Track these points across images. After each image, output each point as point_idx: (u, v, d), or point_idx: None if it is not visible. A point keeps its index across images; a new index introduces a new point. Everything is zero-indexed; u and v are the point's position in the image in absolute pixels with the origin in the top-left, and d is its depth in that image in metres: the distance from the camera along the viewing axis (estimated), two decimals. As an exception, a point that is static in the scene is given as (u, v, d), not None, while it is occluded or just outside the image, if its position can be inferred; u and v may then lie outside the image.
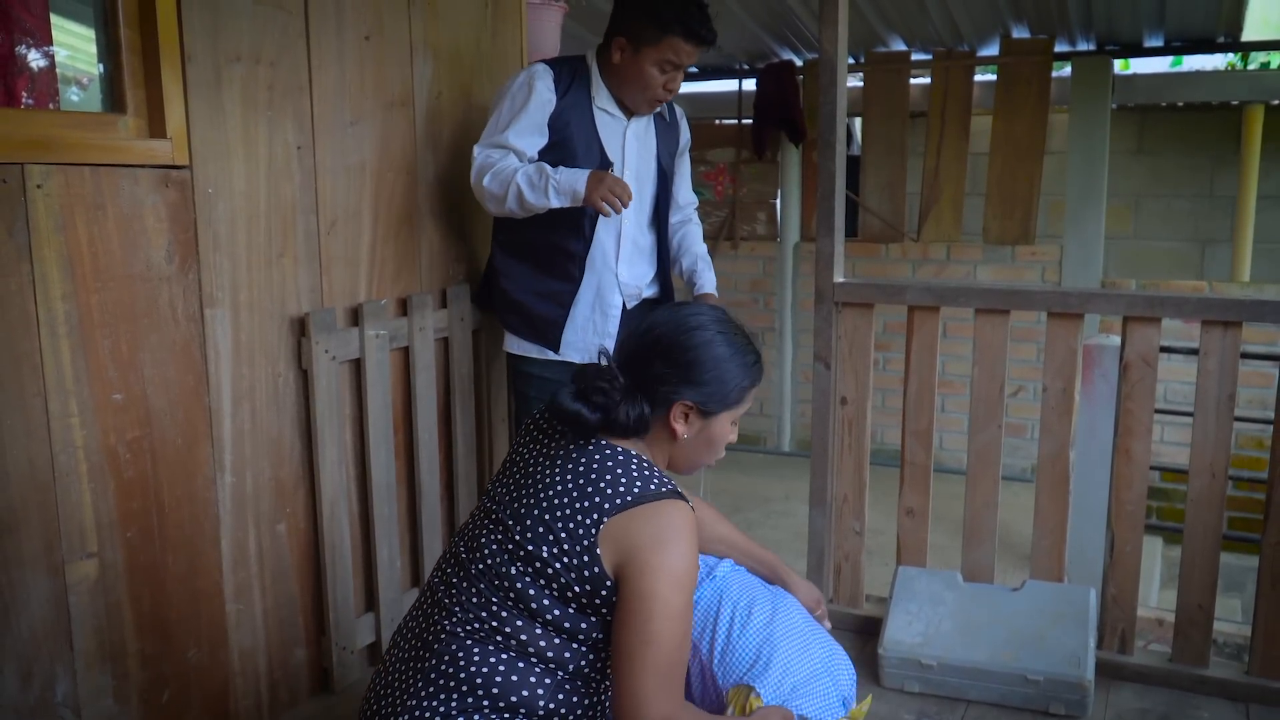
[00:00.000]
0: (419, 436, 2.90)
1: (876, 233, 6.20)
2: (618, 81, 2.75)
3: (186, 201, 2.23)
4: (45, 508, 2.00)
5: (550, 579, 1.59)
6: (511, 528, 1.64)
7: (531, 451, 1.75)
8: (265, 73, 2.38)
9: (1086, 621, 2.72)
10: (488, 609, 1.62)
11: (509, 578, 1.61)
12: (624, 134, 2.81)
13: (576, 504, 1.60)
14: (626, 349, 1.74)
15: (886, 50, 5.95)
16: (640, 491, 1.59)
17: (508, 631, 1.60)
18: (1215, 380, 2.64)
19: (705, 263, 3.08)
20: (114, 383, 2.10)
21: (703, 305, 1.78)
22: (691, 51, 2.66)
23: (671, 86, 2.71)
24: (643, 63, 2.66)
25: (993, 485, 2.92)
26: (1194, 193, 6.35)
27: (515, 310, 2.87)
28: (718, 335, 1.71)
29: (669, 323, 1.72)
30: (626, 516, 1.56)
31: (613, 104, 2.79)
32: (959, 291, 3.02)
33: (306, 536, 2.62)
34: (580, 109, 2.73)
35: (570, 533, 1.58)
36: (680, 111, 3.05)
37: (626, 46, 2.68)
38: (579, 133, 2.72)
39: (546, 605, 1.59)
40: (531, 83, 2.67)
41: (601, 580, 1.57)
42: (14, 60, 2.13)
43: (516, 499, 1.68)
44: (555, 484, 1.64)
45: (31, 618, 1.99)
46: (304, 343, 2.53)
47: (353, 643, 2.74)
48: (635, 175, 2.84)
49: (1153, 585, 4.74)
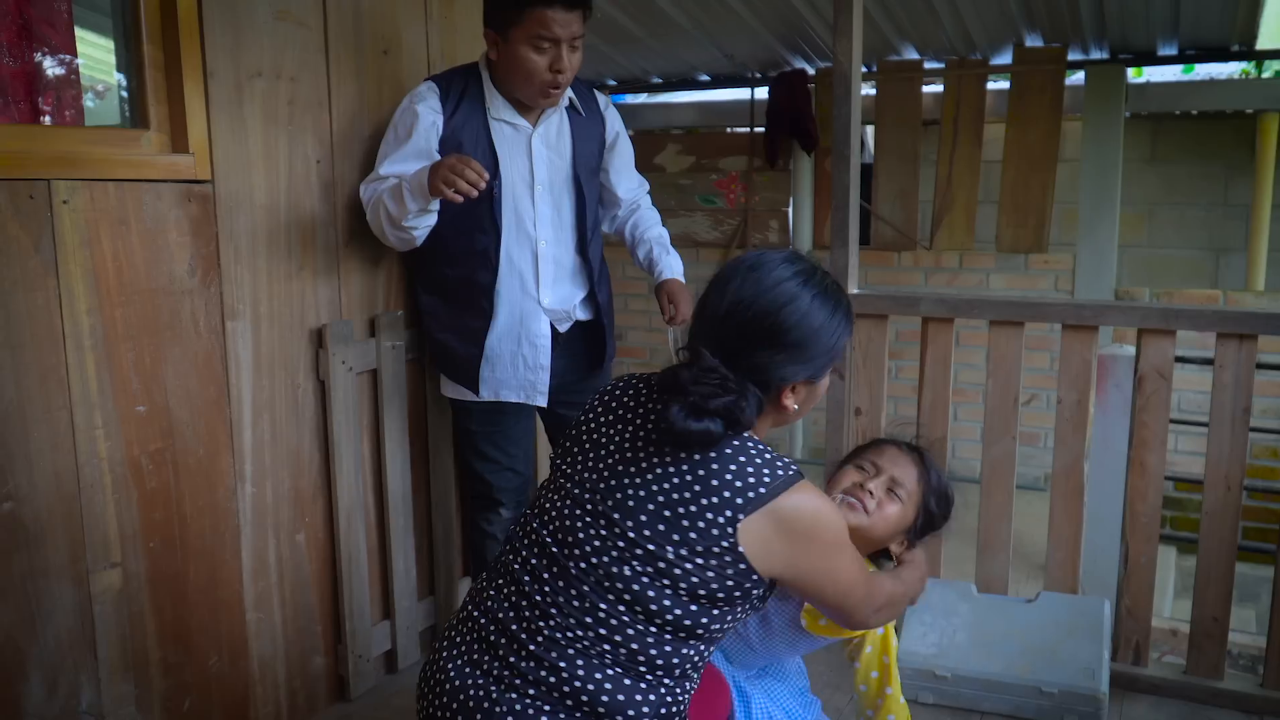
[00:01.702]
0: (434, 446, 2.92)
1: (889, 241, 6.20)
2: (505, 80, 2.46)
3: (208, 215, 2.25)
4: (70, 518, 2.03)
5: (677, 579, 1.46)
6: (618, 522, 1.48)
7: (619, 430, 1.57)
8: (286, 88, 2.41)
9: (1101, 633, 2.72)
10: (594, 614, 1.47)
11: (623, 579, 1.47)
12: (529, 144, 2.53)
13: (702, 501, 1.46)
14: (719, 338, 1.51)
15: (899, 59, 5.96)
16: (770, 483, 1.47)
17: (617, 640, 1.47)
18: (1230, 393, 2.65)
19: (662, 246, 2.82)
20: (137, 395, 2.13)
21: (776, 263, 1.54)
22: (563, 19, 2.33)
23: (559, 67, 2.38)
24: (515, 48, 2.37)
25: (1007, 497, 2.92)
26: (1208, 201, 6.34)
27: (440, 350, 2.67)
28: (812, 301, 1.52)
29: (756, 300, 1.51)
30: (765, 514, 1.46)
31: (511, 111, 2.51)
32: (973, 303, 3.03)
33: (324, 546, 2.64)
34: (473, 125, 2.47)
35: (702, 533, 1.45)
36: (603, 100, 2.73)
37: (496, 38, 2.41)
38: (473, 151, 2.45)
39: (668, 605, 1.47)
40: (413, 106, 2.43)
41: (748, 575, 1.47)
42: (39, 76, 2.16)
43: (619, 489, 1.51)
44: (670, 476, 1.49)
45: (57, 627, 2.02)
46: (321, 354, 2.55)
47: (369, 651, 2.76)
48: (548, 187, 2.56)
49: (1167, 595, 4.74)
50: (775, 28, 5.57)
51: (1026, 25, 5.34)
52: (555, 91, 2.44)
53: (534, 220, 2.54)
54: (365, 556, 2.72)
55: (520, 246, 2.54)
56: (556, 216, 2.59)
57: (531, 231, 2.54)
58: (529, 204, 2.52)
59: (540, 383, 2.60)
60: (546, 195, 2.56)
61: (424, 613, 2.97)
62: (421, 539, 2.94)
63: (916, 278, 6.20)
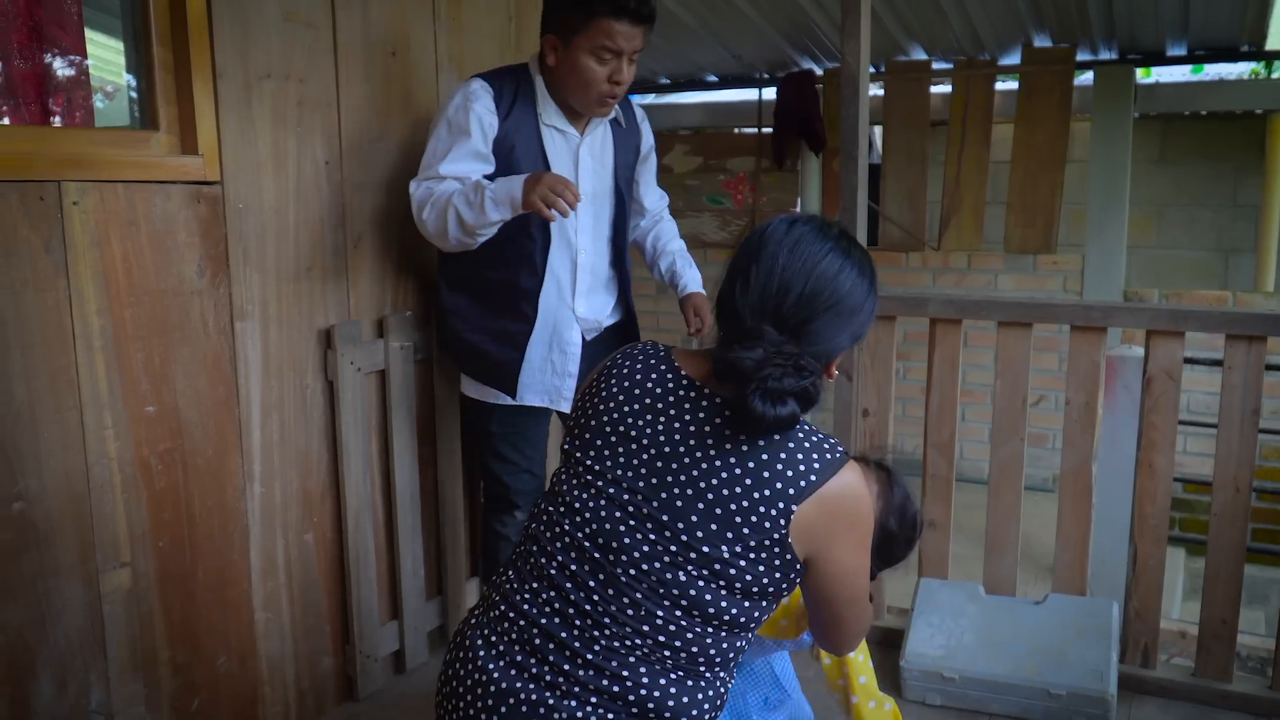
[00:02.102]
0: (441, 446, 2.92)
1: (897, 242, 6.20)
2: (560, 87, 2.45)
3: (217, 216, 2.26)
4: (80, 518, 2.04)
5: (733, 579, 1.42)
6: (668, 524, 1.43)
7: (649, 422, 1.49)
8: (294, 89, 2.42)
9: (1109, 635, 2.72)
10: (650, 621, 1.43)
11: (679, 584, 1.42)
12: (577, 153, 2.53)
13: (755, 493, 1.41)
14: (776, 315, 1.45)
15: (907, 59, 5.95)
16: (820, 467, 1.43)
17: (677, 645, 1.44)
18: (1239, 394, 2.64)
19: (685, 260, 2.84)
20: (147, 395, 2.14)
21: (814, 233, 1.50)
22: (628, 32, 2.33)
23: (618, 78, 2.38)
24: (576, 55, 2.35)
25: (1015, 498, 2.92)
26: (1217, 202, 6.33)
27: (467, 351, 2.62)
28: (855, 267, 1.49)
29: (812, 272, 1.45)
30: (816, 501, 1.42)
31: (562, 119, 2.50)
32: (981, 304, 3.03)
33: (333, 546, 2.65)
34: (525, 130, 2.46)
35: (755, 526, 1.41)
36: (641, 114, 2.75)
37: (557, 43, 2.39)
38: (525, 156, 2.45)
39: (725, 606, 1.44)
40: (469, 104, 2.40)
41: (792, 565, 1.45)
42: (49, 78, 2.17)
43: (664, 487, 1.45)
44: (719, 470, 1.43)
45: (67, 626, 2.03)
46: (330, 354, 2.56)
47: (377, 651, 2.77)
48: (591, 199, 2.55)
49: (1175, 597, 4.73)
50: (783, 28, 5.57)
51: (1035, 25, 5.33)
52: (611, 102, 2.43)
53: (576, 229, 2.52)
54: (373, 557, 2.73)
55: (562, 254, 2.53)
56: (596, 227, 2.59)
57: (573, 240, 2.53)
58: (573, 214, 2.42)
59: (566, 389, 2.59)
60: (589, 205, 2.55)
61: (432, 613, 2.97)
62: (429, 539, 2.95)
63: (924, 278, 6.20)
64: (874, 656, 2.95)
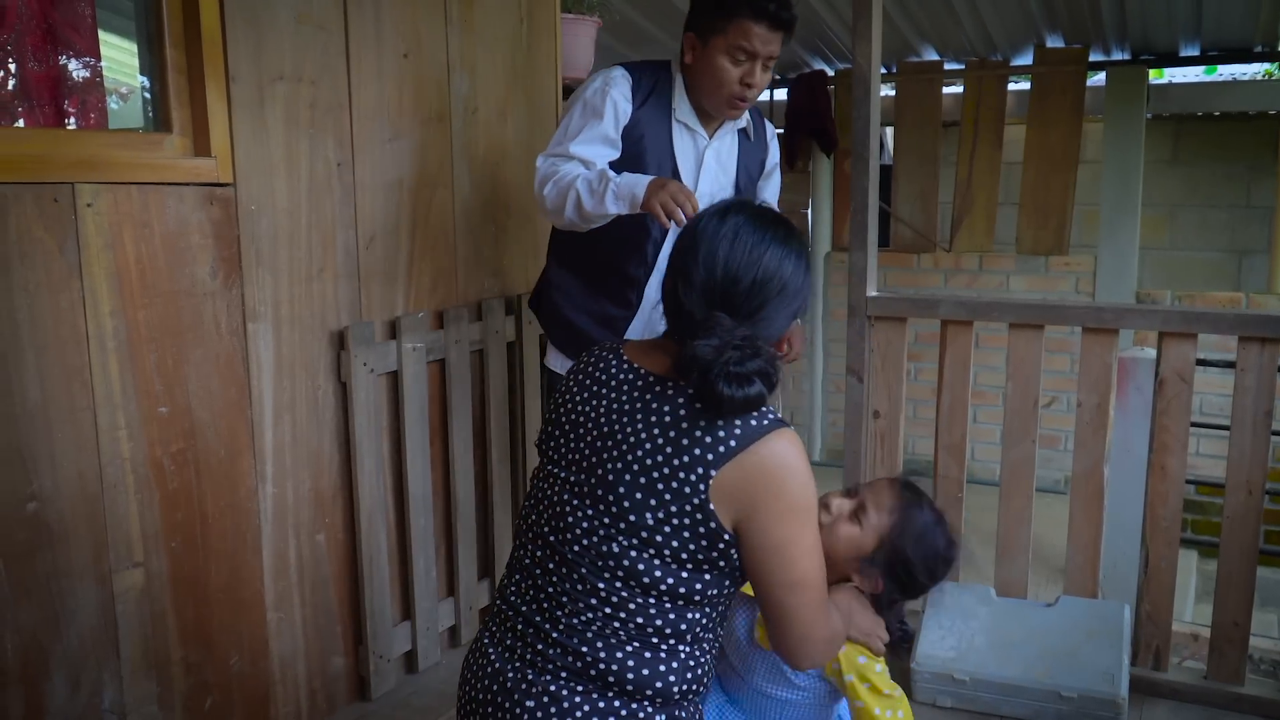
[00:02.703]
0: (454, 448, 2.93)
1: (909, 243, 6.19)
2: (695, 85, 2.48)
3: (230, 218, 2.27)
4: (94, 518, 2.05)
5: (660, 546, 1.47)
6: (602, 498, 1.50)
7: (594, 407, 1.58)
8: (307, 91, 2.42)
9: (1121, 638, 2.71)
10: (596, 595, 1.49)
11: (613, 555, 1.48)
12: (702, 153, 2.56)
13: (675, 459, 1.45)
14: (728, 303, 1.51)
15: (919, 60, 5.95)
16: (742, 433, 1.45)
17: (623, 617, 1.49)
18: (1252, 396, 2.63)
19: None
20: (160, 396, 2.15)
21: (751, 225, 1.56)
22: (765, 36, 2.35)
23: (750, 80, 2.40)
24: (713, 55, 2.39)
25: (1026, 500, 2.91)
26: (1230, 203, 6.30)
27: (566, 327, 2.66)
28: (794, 256, 1.56)
29: (754, 265, 1.52)
30: (735, 464, 1.44)
31: (694, 118, 2.53)
32: (992, 306, 3.02)
33: (345, 547, 2.66)
34: (657, 123, 2.50)
35: (676, 493, 1.45)
36: (772, 132, 2.79)
37: (696, 42, 2.43)
38: (652, 147, 2.49)
39: (659, 576, 1.48)
40: (607, 89, 2.44)
41: (719, 534, 1.46)
42: (64, 80, 2.18)
43: (600, 464, 1.52)
44: (644, 443, 1.48)
45: (80, 626, 2.04)
46: (343, 356, 2.57)
47: (389, 651, 2.78)
48: (709, 199, 2.54)
49: (1188, 599, 4.71)
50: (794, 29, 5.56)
51: (1047, 26, 5.32)
52: (741, 104, 2.46)
53: None
54: (386, 557, 2.74)
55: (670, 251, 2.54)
56: None
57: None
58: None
59: None
60: (706, 205, 2.54)
61: (445, 613, 2.98)
62: (441, 540, 2.96)
63: (936, 279, 6.19)
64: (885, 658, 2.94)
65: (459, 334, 2.90)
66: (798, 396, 6.64)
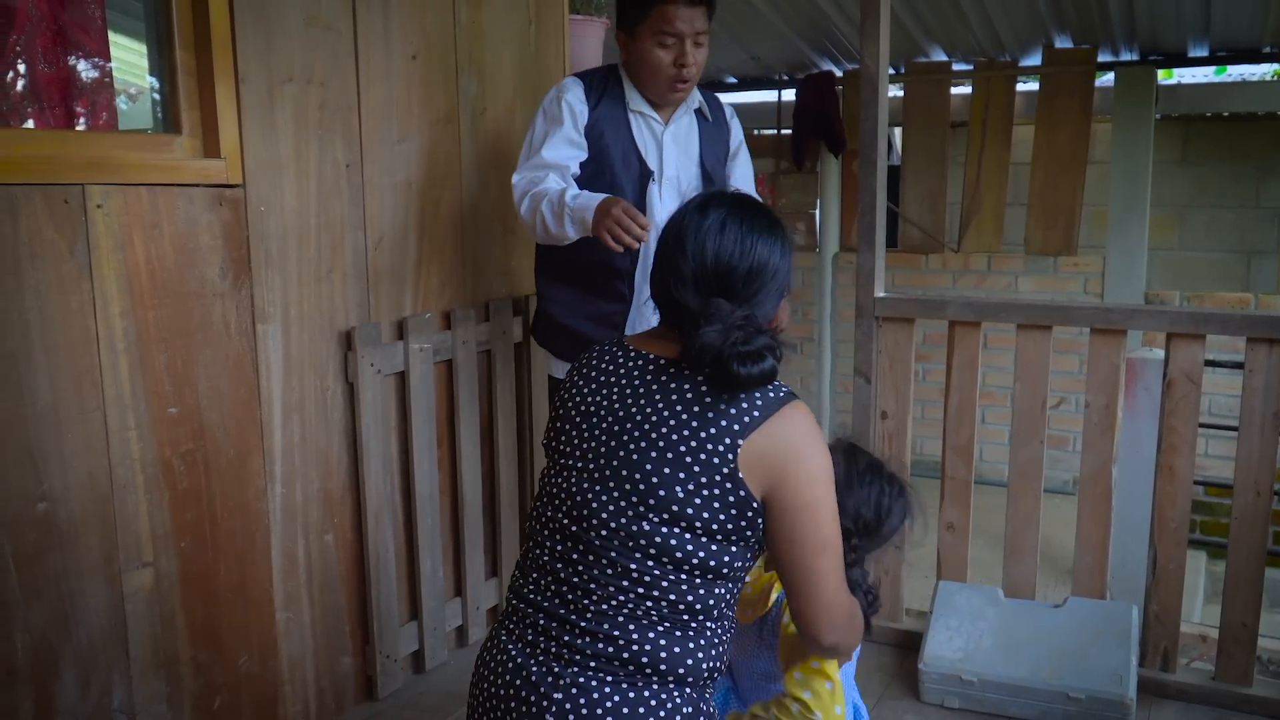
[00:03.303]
0: (462, 448, 2.94)
1: (917, 243, 6.18)
2: (636, 78, 2.60)
3: (240, 219, 2.28)
4: (104, 518, 2.06)
5: (691, 519, 1.50)
6: (628, 478, 1.52)
7: (605, 395, 1.61)
8: (316, 92, 2.43)
9: (1129, 639, 2.71)
10: (629, 576, 1.51)
11: (644, 534, 1.50)
12: (661, 139, 2.65)
13: (702, 431, 1.50)
14: (725, 289, 1.56)
15: (927, 60, 5.94)
16: (763, 404, 1.51)
17: (656, 595, 1.51)
18: (1260, 397, 2.63)
19: None
20: (170, 397, 2.16)
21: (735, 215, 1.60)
22: (685, 14, 2.47)
23: (683, 61, 2.51)
24: (643, 45, 2.52)
25: (1034, 501, 2.91)
26: (1239, 203, 6.28)
27: (566, 335, 2.71)
28: (780, 243, 1.62)
29: (745, 253, 1.58)
30: (761, 434, 1.49)
31: (648, 106, 2.64)
32: (1000, 306, 3.02)
33: (353, 547, 2.66)
34: (614, 117, 2.61)
35: (705, 464, 1.49)
36: (730, 110, 2.87)
37: (626, 39, 2.57)
38: (615, 141, 2.60)
39: (691, 550, 1.51)
40: (561, 95, 2.57)
41: (748, 503, 1.50)
42: (74, 81, 2.19)
43: (621, 447, 1.54)
44: (667, 419, 1.52)
45: (90, 626, 2.05)
46: (351, 356, 2.57)
47: (396, 651, 2.78)
48: (675, 182, 2.68)
49: (1196, 600, 4.70)
50: (802, 30, 5.56)
51: (1056, 26, 5.31)
52: (682, 85, 2.57)
53: (661, 212, 2.61)
54: (393, 557, 2.74)
55: (652, 238, 2.57)
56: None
57: (658, 221, 2.59)
58: (657, 196, 2.63)
59: None
60: (673, 189, 2.67)
61: (452, 613, 2.99)
62: (449, 540, 2.96)
63: (944, 280, 6.18)
64: (892, 660, 2.96)
65: (466, 335, 2.91)
66: (805, 397, 6.63)
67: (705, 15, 2.52)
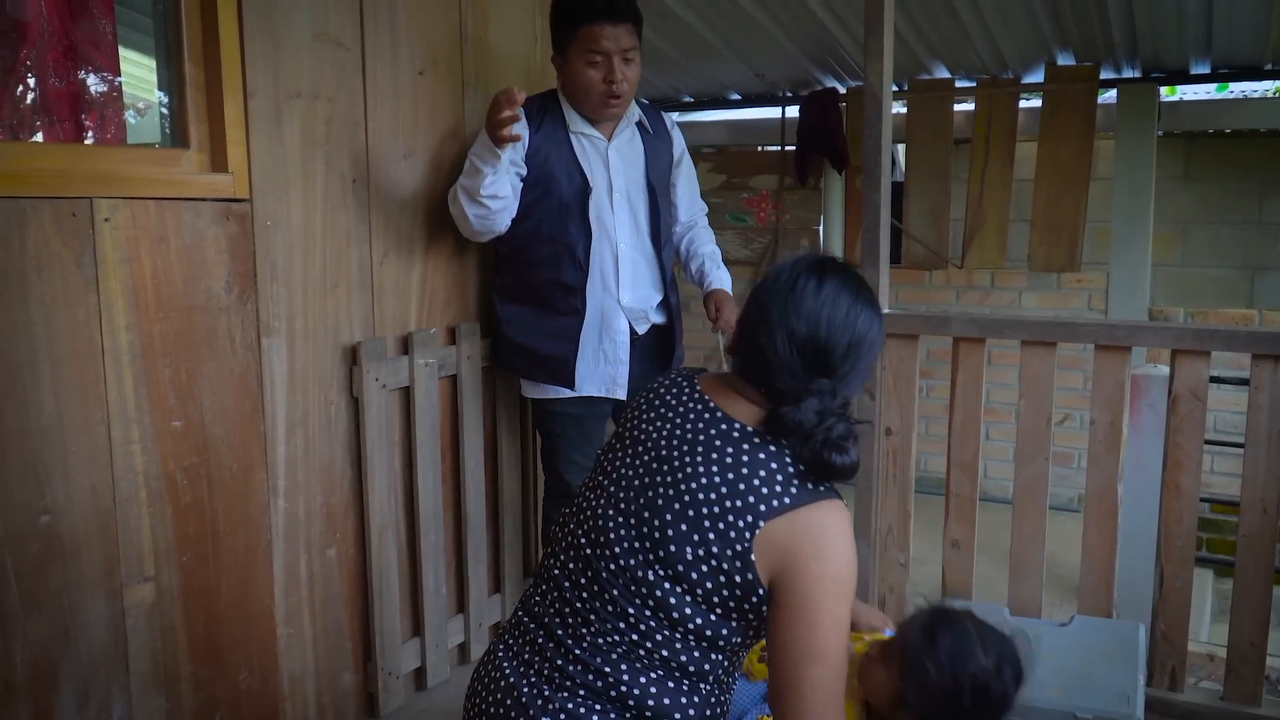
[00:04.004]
0: (466, 464, 2.93)
1: (920, 259, 6.18)
2: (572, 98, 2.69)
3: (246, 233, 2.28)
4: (106, 532, 2.05)
5: (694, 584, 1.46)
6: (647, 520, 1.50)
7: (658, 429, 1.58)
8: (323, 108, 2.44)
9: (1136, 658, 2.69)
10: (625, 619, 1.49)
11: (647, 583, 1.48)
12: (605, 155, 2.74)
13: (727, 503, 1.46)
14: (822, 364, 1.51)
15: (930, 78, 5.95)
16: (799, 492, 1.46)
17: (649, 646, 1.48)
18: (1266, 414, 2.62)
19: (714, 260, 3.04)
20: (174, 410, 2.15)
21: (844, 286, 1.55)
22: (610, 32, 2.56)
23: (613, 78, 2.60)
24: (574, 66, 2.62)
25: (1040, 518, 2.89)
26: (1243, 219, 6.27)
27: (522, 354, 2.82)
28: (879, 321, 1.58)
29: (849, 328, 1.52)
30: (785, 521, 1.44)
31: (589, 126, 2.73)
32: (1005, 323, 3.01)
33: (355, 562, 2.65)
34: (556, 139, 2.68)
35: (721, 535, 1.45)
36: (670, 121, 2.97)
37: (560, 62, 2.68)
38: (558, 162, 2.67)
39: (689, 614, 1.47)
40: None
41: (754, 587, 1.45)
42: (84, 96, 2.20)
43: (650, 487, 1.52)
44: (699, 476, 1.48)
45: (90, 640, 2.04)
46: (355, 370, 2.57)
47: (398, 668, 2.77)
48: (625, 195, 2.77)
49: (1203, 619, 4.67)
50: (806, 47, 5.57)
51: (1058, 44, 5.32)
52: (615, 101, 2.65)
53: (614, 225, 2.74)
54: (396, 573, 2.73)
55: (602, 248, 2.73)
56: (633, 222, 2.79)
57: (612, 235, 2.74)
58: (609, 209, 2.73)
59: (620, 376, 2.79)
60: (624, 202, 2.77)
61: (454, 630, 2.98)
62: (451, 556, 2.95)
63: (948, 296, 6.17)
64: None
65: (471, 349, 2.90)
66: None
67: (632, 32, 2.61)
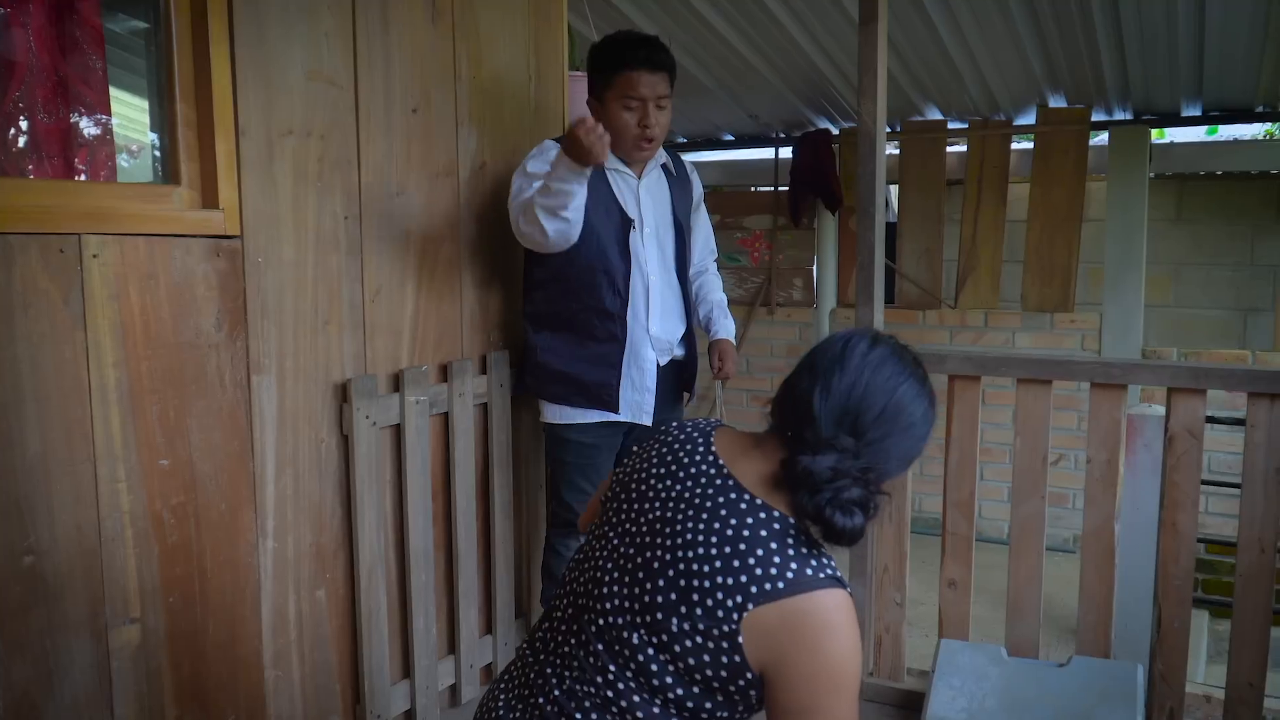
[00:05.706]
0: (457, 503, 2.90)
1: (914, 300, 6.19)
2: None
3: (236, 271, 2.27)
4: (91, 572, 2.02)
5: (678, 656, 1.39)
6: (640, 582, 1.44)
7: (667, 486, 1.51)
8: (315, 146, 2.44)
9: (1135, 699, 2.66)
10: (604, 675, 1.45)
11: (630, 645, 1.43)
12: (637, 192, 2.87)
13: (720, 577, 1.38)
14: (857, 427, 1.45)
15: (923, 119, 5.99)
16: (795, 578, 1.37)
17: (624, 706, 1.43)
18: (1262, 453, 2.61)
19: (721, 310, 3.13)
20: (161, 449, 2.13)
21: (894, 356, 1.51)
22: (648, 80, 2.71)
23: (647, 123, 2.75)
24: (611, 110, 2.74)
25: (1037, 558, 2.87)
26: (1235, 261, 6.30)
27: (561, 380, 2.88)
28: (927, 399, 1.52)
29: (889, 393, 1.47)
30: (776, 609, 1.35)
31: (621, 164, 2.85)
32: (1000, 361, 3.00)
33: (344, 603, 2.62)
34: (594, 175, 2.70)
35: (708, 610, 1.37)
36: (690, 166, 3.12)
37: (596, 105, 2.80)
38: (597, 196, 2.74)
39: (670, 684, 1.41)
40: (543, 153, 2.72)
41: (741, 671, 1.37)
42: (74, 134, 2.19)
43: (649, 547, 1.46)
44: (697, 545, 1.41)
45: (74, 683, 2.00)
46: (345, 408, 2.55)
47: (387, 711, 2.72)
48: (654, 230, 2.90)
49: (1200, 660, 4.63)
50: (799, 89, 5.62)
51: (1050, 86, 5.37)
52: (648, 144, 2.79)
53: (645, 258, 2.86)
54: (385, 614, 2.70)
55: (637, 279, 2.85)
56: (661, 256, 2.92)
57: (644, 267, 2.85)
58: (640, 243, 2.85)
59: (647, 404, 2.89)
60: (654, 237, 2.90)
61: (445, 672, 2.93)
62: (442, 596, 2.92)
63: (942, 336, 6.18)
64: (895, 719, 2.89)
65: (463, 387, 2.89)
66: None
67: (666, 81, 2.76)
